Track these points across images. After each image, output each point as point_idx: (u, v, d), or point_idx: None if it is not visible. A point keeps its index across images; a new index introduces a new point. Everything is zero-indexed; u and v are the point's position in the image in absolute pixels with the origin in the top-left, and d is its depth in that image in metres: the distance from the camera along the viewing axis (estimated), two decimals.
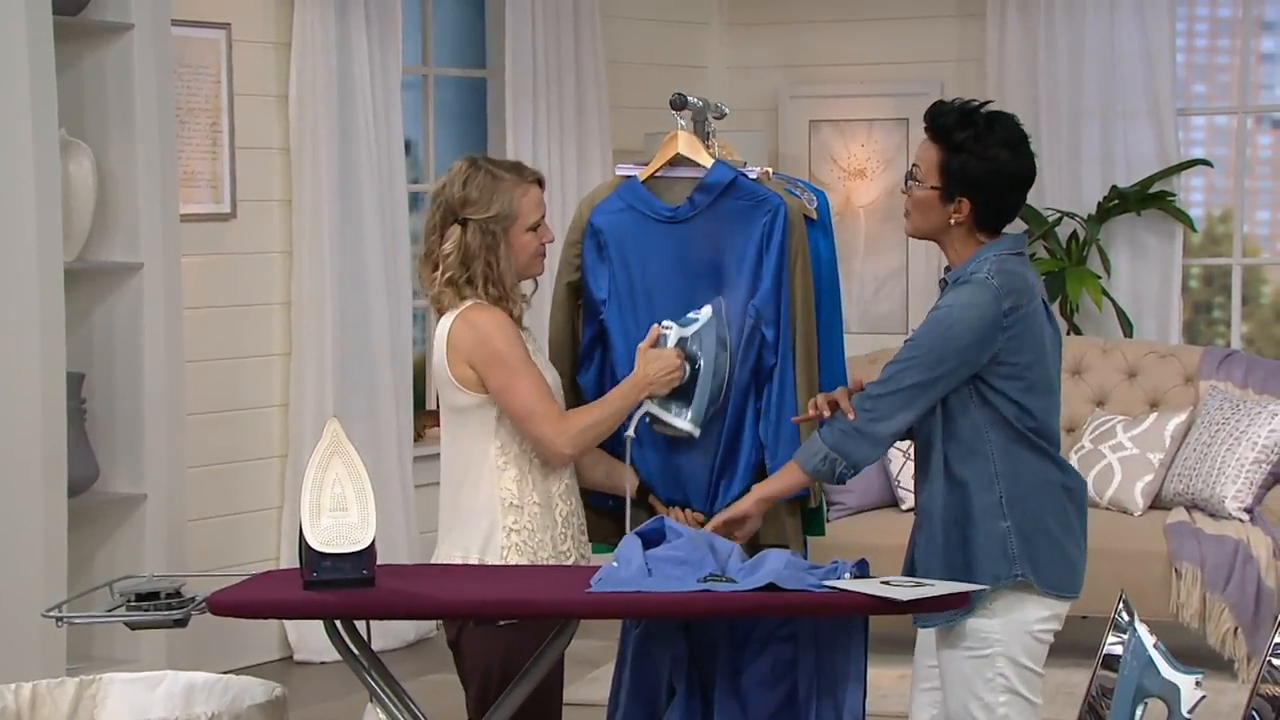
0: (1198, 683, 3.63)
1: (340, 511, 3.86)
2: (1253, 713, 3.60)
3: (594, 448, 4.46)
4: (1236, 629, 6.81)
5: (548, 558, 4.32)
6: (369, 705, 4.17)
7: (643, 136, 8.25)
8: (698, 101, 4.80)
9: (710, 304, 4.53)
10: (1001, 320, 4.04)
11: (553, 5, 8.23)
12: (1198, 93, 8.88)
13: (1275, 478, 7.15)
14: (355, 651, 4.00)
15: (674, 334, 4.44)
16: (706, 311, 4.50)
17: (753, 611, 3.88)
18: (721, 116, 4.89)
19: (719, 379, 4.47)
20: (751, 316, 4.64)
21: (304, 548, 3.87)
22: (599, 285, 4.71)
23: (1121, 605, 3.70)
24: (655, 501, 4.62)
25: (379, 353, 7.49)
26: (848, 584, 3.84)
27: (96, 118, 6.17)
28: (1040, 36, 8.45)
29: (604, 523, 4.72)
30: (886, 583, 3.86)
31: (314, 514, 3.84)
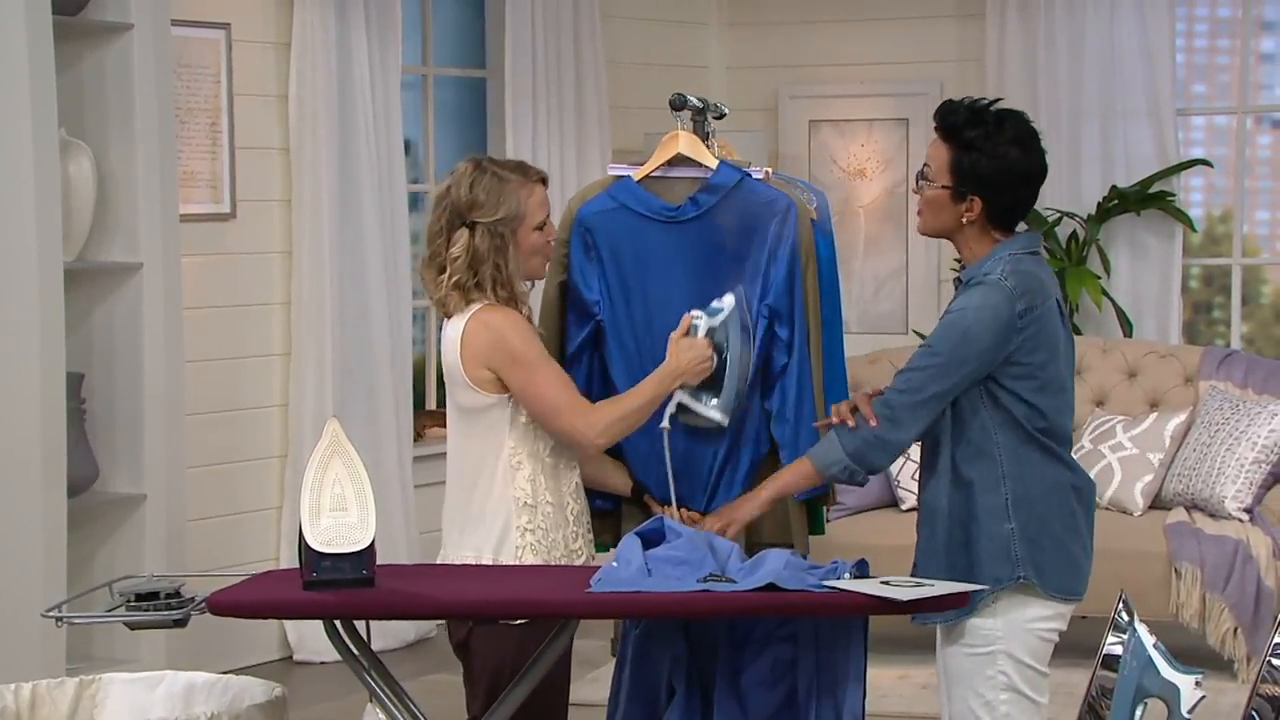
0: (1197, 683, 3.63)
1: (340, 511, 3.86)
2: (1253, 713, 3.59)
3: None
4: (1236, 629, 6.81)
5: (560, 557, 4.31)
6: (369, 705, 4.17)
7: (643, 136, 8.25)
8: (698, 101, 4.79)
9: (732, 293, 4.51)
10: (1016, 322, 4.05)
11: (553, 5, 8.23)
12: (1198, 93, 8.88)
13: (1275, 478, 7.15)
14: (355, 651, 4.00)
15: (704, 324, 4.43)
16: (729, 300, 4.48)
17: (753, 611, 3.88)
18: (721, 116, 4.89)
19: (744, 367, 4.48)
20: (765, 316, 4.63)
21: (304, 548, 3.87)
22: (589, 285, 4.69)
23: (1121, 605, 3.70)
24: (650, 500, 4.62)
25: (379, 353, 7.49)
26: (848, 584, 3.84)
27: (96, 118, 6.17)
28: (1040, 36, 8.45)
29: (602, 524, 4.72)
30: (886, 583, 3.86)
31: (314, 514, 3.84)
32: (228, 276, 7.18)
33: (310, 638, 7.21)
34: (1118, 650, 3.63)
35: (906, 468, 7.49)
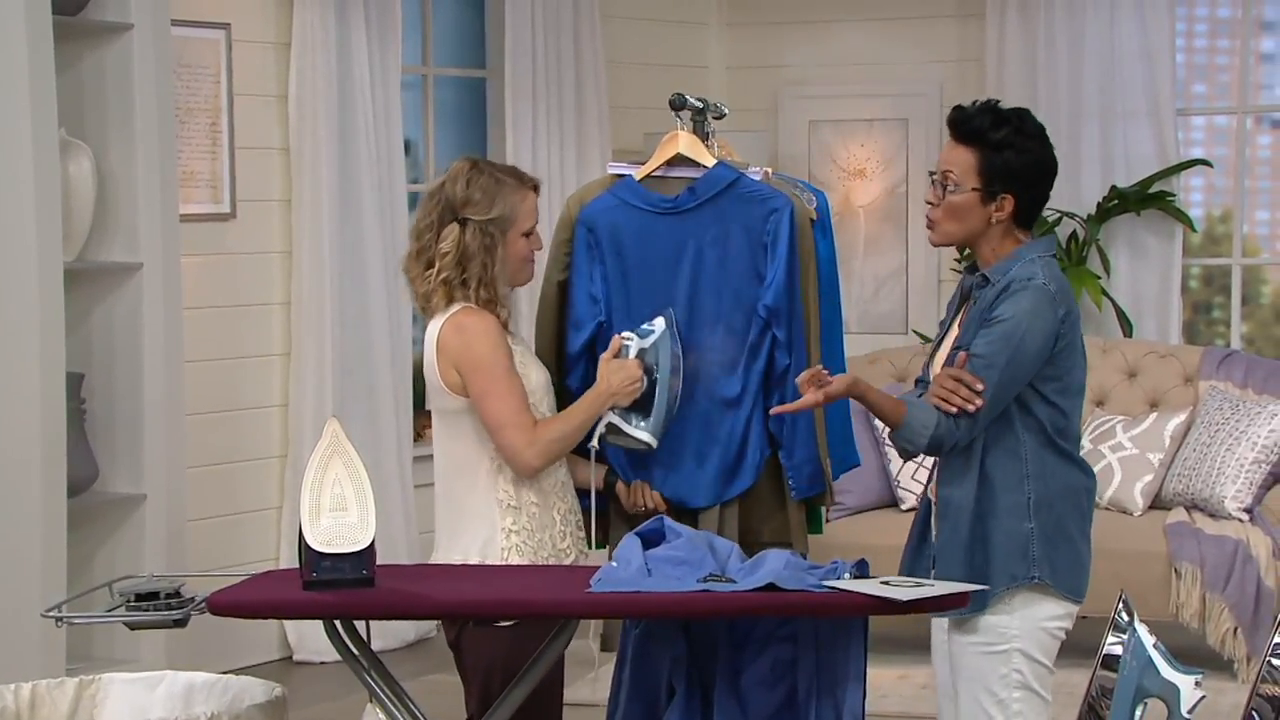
0: (1197, 683, 3.63)
1: (340, 511, 3.86)
2: (1253, 713, 3.60)
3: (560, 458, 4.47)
4: (1236, 629, 6.81)
5: (548, 557, 4.32)
6: (369, 705, 4.17)
7: (643, 136, 8.25)
8: (698, 101, 4.79)
9: (663, 315, 4.54)
10: (1059, 327, 4.09)
11: (553, 5, 8.23)
12: (1197, 93, 8.88)
13: (1275, 478, 7.15)
14: (355, 651, 4.00)
15: (635, 345, 4.46)
16: (660, 323, 4.50)
17: (753, 611, 3.88)
18: (721, 116, 4.89)
19: (674, 390, 4.50)
20: (763, 315, 4.63)
21: (304, 548, 3.87)
22: (592, 282, 4.69)
23: (1121, 605, 3.70)
24: (620, 486, 4.64)
25: (379, 353, 7.49)
26: (847, 584, 3.84)
27: (96, 118, 6.17)
28: (1040, 36, 8.45)
29: (599, 526, 4.73)
30: (886, 583, 3.86)
31: (314, 514, 3.84)
32: (228, 276, 7.18)
33: (310, 638, 7.21)
34: (1118, 650, 3.63)
35: (907, 468, 7.49)
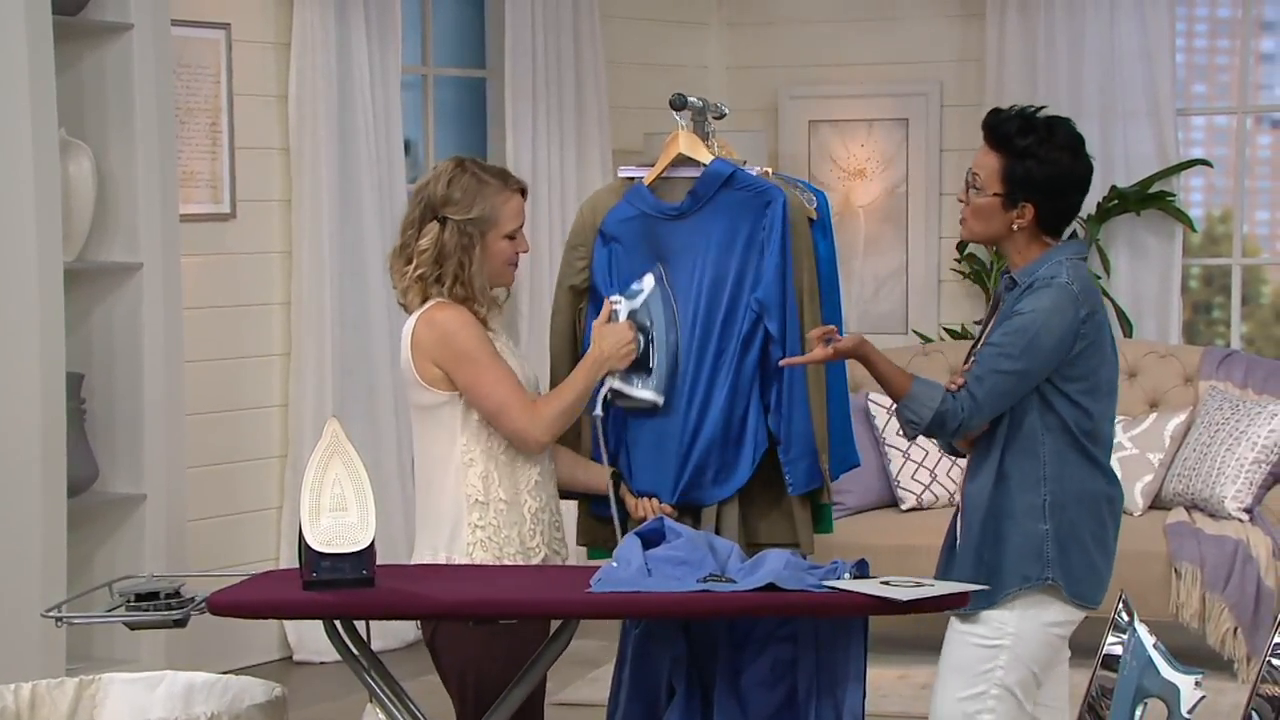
0: (1197, 683, 3.63)
1: (340, 511, 3.86)
2: (1253, 713, 3.59)
3: (564, 442, 4.54)
4: (1236, 629, 6.81)
5: (514, 554, 4.32)
6: (369, 705, 4.17)
7: (643, 136, 8.25)
8: (698, 101, 4.80)
9: (651, 272, 4.57)
10: (1080, 327, 4.11)
11: (553, 5, 8.23)
12: (1197, 93, 8.88)
13: (1275, 478, 7.15)
14: (355, 651, 4.00)
15: (624, 307, 4.49)
16: (649, 280, 4.55)
17: (753, 611, 3.88)
18: (721, 116, 4.90)
19: (672, 344, 4.53)
20: (754, 309, 4.65)
21: (304, 548, 3.87)
22: (612, 294, 4.74)
23: (1121, 605, 3.70)
24: (626, 493, 4.64)
25: (379, 353, 7.48)
26: (848, 584, 3.84)
27: (96, 118, 6.17)
28: (1040, 36, 8.45)
29: (605, 530, 4.73)
30: (886, 583, 3.86)
31: (314, 514, 3.84)
32: (228, 276, 7.18)
33: (310, 638, 7.21)
34: (1118, 650, 3.63)
35: (906, 468, 7.49)
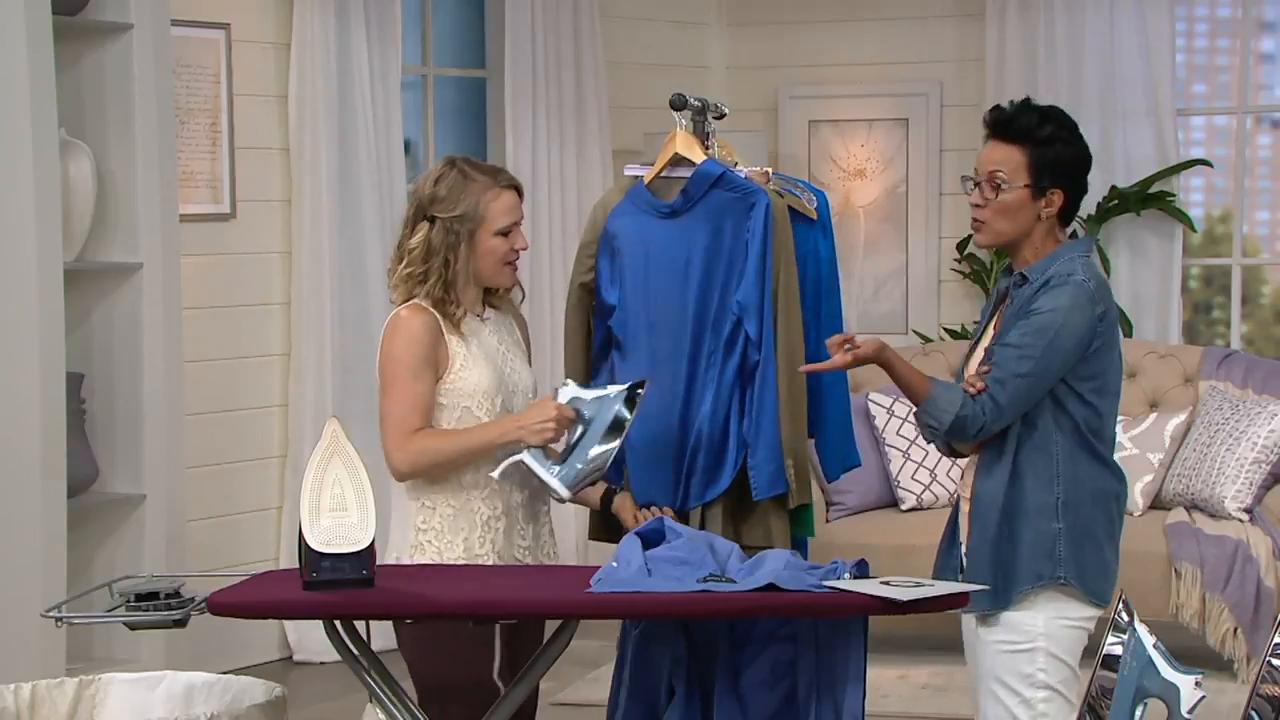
0: (1197, 683, 3.62)
1: (340, 511, 3.86)
2: (1252, 713, 3.59)
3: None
4: (1236, 629, 6.81)
5: (458, 558, 4.32)
6: (369, 705, 4.17)
7: (643, 136, 8.25)
8: (697, 101, 4.81)
9: (633, 384, 4.37)
10: (1097, 325, 4.11)
11: (553, 5, 8.23)
12: (1197, 93, 8.88)
13: (1275, 478, 7.15)
14: (355, 651, 4.00)
15: (566, 392, 4.35)
16: (616, 389, 4.36)
17: (753, 612, 3.88)
18: (721, 116, 4.91)
19: (602, 456, 4.32)
20: (735, 311, 4.67)
21: (304, 548, 3.87)
22: (610, 292, 4.76)
23: (1121, 605, 3.70)
24: (623, 508, 4.66)
25: None
26: (848, 584, 3.84)
27: (96, 118, 6.17)
28: (1040, 36, 8.45)
29: (611, 522, 4.77)
30: (886, 583, 3.86)
31: (314, 514, 3.84)
32: (228, 276, 7.18)
33: (310, 638, 7.21)
34: (1118, 650, 3.62)
35: (906, 468, 7.49)
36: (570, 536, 7.73)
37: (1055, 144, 4.16)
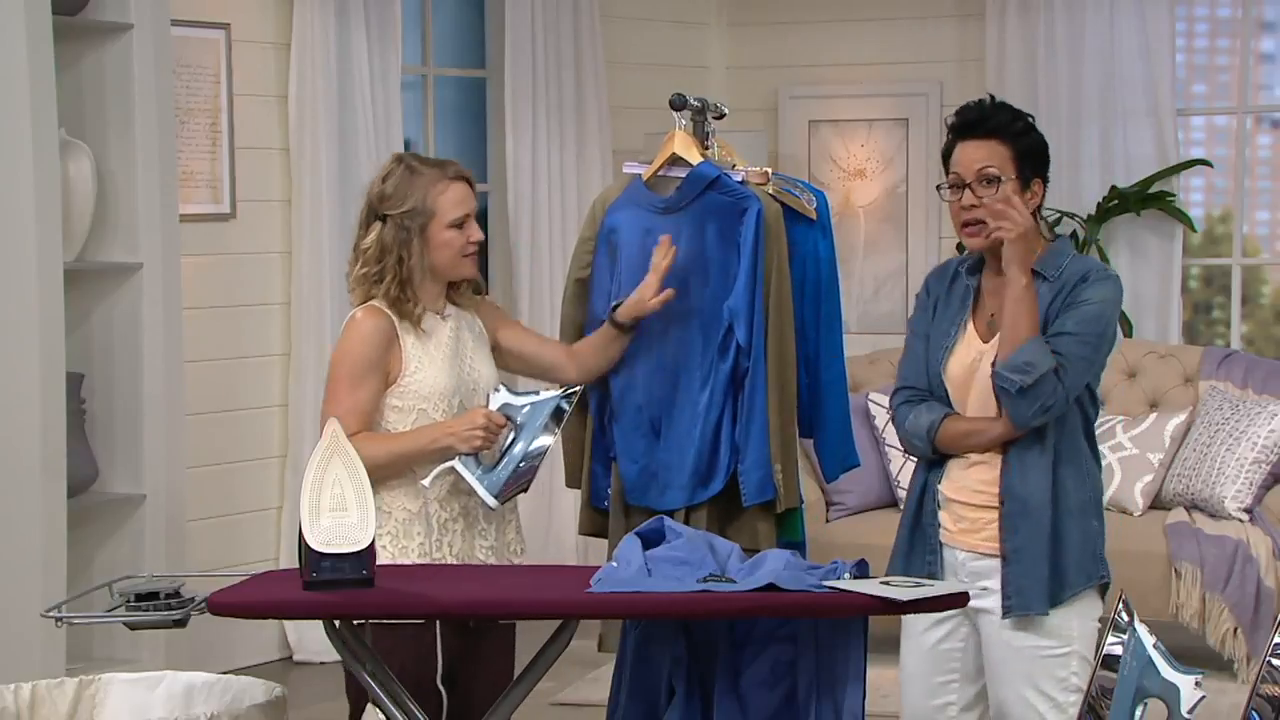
0: (1197, 683, 3.63)
1: (340, 512, 3.86)
2: (1253, 713, 3.59)
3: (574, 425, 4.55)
4: (1236, 629, 6.81)
5: (414, 561, 4.32)
6: (369, 706, 4.17)
7: (643, 136, 8.25)
8: (697, 102, 4.82)
9: (564, 390, 4.38)
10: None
11: (553, 5, 8.23)
12: (1197, 93, 8.88)
13: (1275, 478, 7.15)
14: (355, 651, 4.00)
15: (498, 398, 4.33)
16: (548, 394, 4.36)
17: (753, 612, 3.88)
18: (721, 116, 4.91)
19: (530, 464, 4.33)
20: (726, 317, 4.67)
21: (304, 548, 3.87)
22: (602, 288, 4.77)
23: (1121, 605, 3.70)
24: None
25: None
26: (848, 584, 3.84)
27: (96, 118, 6.17)
28: (1040, 36, 8.45)
29: (604, 521, 4.76)
30: (886, 583, 3.86)
31: (313, 514, 3.84)
32: (228, 276, 7.18)
33: (310, 638, 7.21)
34: (1118, 650, 3.63)
35: (907, 468, 7.48)
36: (570, 536, 7.74)
37: (1028, 135, 4.19)
